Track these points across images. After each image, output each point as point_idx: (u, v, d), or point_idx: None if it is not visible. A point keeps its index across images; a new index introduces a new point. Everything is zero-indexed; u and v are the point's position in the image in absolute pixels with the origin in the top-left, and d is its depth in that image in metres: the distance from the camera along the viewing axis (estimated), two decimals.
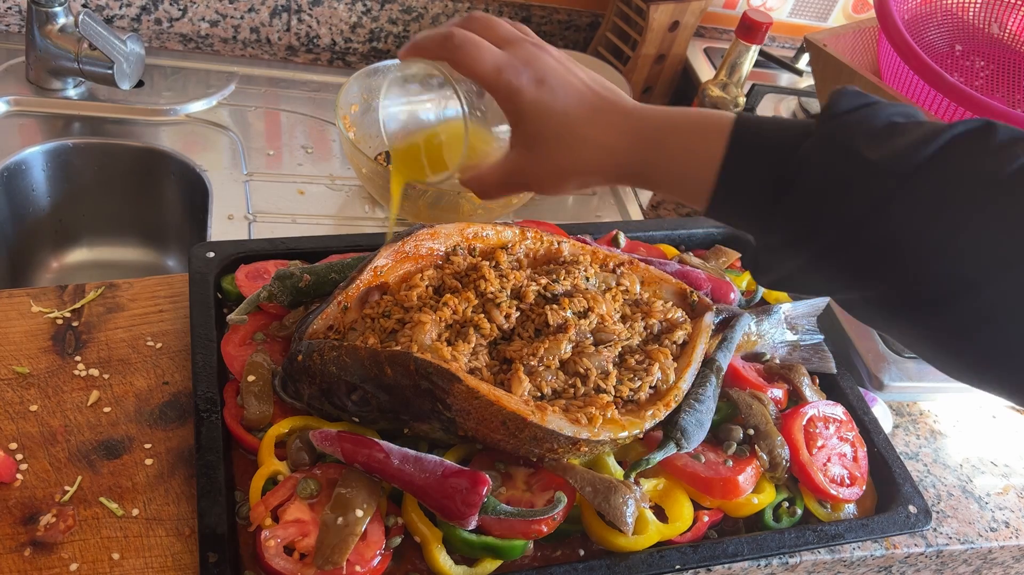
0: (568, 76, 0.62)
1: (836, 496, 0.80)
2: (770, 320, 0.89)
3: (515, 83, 0.60)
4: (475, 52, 0.60)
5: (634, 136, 0.60)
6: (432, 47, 0.62)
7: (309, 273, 0.81)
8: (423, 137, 0.68)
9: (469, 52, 0.60)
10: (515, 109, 0.61)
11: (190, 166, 1.10)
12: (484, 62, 0.60)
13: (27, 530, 0.67)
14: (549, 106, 0.61)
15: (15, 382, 0.76)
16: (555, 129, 0.61)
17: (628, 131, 0.61)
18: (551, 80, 0.61)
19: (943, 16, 1.17)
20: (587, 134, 0.61)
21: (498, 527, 0.70)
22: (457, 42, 0.61)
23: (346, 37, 1.33)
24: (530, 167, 0.63)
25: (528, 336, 0.78)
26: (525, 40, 0.63)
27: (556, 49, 0.64)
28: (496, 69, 0.60)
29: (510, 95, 0.61)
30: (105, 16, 1.23)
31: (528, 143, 0.62)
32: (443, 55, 0.62)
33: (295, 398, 0.74)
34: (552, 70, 0.61)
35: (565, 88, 0.61)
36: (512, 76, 0.60)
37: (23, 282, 1.15)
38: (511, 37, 0.63)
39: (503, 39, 0.63)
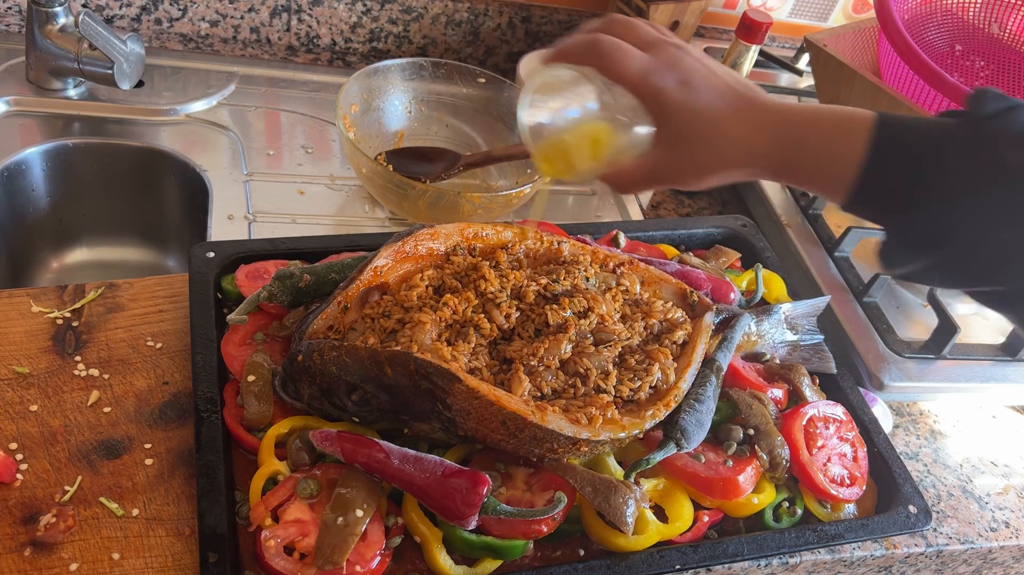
0: (710, 76, 0.64)
1: (836, 496, 0.80)
2: (770, 320, 0.89)
3: (660, 85, 0.63)
4: (621, 57, 0.63)
5: (775, 132, 0.62)
6: (578, 53, 0.65)
7: (309, 273, 0.81)
8: (566, 136, 0.70)
9: (616, 57, 0.63)
10: (660, 110, 0.64)
11: (190, 166, 1.10)
12: (630, 66, 0.63)
13: (27, 530, 0.67)
14: (693, 106, 0.63)
15: (15, 382, 0.76)
16: (699, 128, 0.63)
17: (769, 128, 0.63)
18: (695, 80, 0.63)
19: (943, 16, 1.17)
20: (730, 132, 0.63)
21: (498, 527, 0.70)
22: (604, 48, 0.64)
23: (346, 37, 1.33)
24: (673, 164, 0.66)
25: (528, 336, 0.78)
26: (667, 42, 0.65)
27: (696, 50, 0.67)
28: (642, 72, 0.63)
29: (655, 97, 0.63)
30: (105, 16, 1.23)
31: (672, 142, 0.65)
32: (590, 60, 0.64)
33: (295, 398, 0.74)
34: (695, 71, 0.64)
35: (708, 88, 0.63)
36: (657, 79, 0.63)
37: (23, 282, 1.15)
38: (653, 39, 0.65)
39: (645, 42, 0.65)
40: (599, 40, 0.64)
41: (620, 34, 0.66)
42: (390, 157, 1.10)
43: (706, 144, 0.64)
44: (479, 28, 1.36)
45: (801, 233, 1.11)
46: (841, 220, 1.15)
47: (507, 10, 1.35)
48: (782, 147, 0.62)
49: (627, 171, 0.68)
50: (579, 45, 0.65)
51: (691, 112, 0.63)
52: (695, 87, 0.63)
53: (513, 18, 1.36)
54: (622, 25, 0.67)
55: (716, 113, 0.63)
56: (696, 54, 0.65)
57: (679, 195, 1.26)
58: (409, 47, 1.36)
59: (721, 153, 0.64)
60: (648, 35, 0.66)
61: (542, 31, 1.39)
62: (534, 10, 1.36)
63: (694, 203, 1.25)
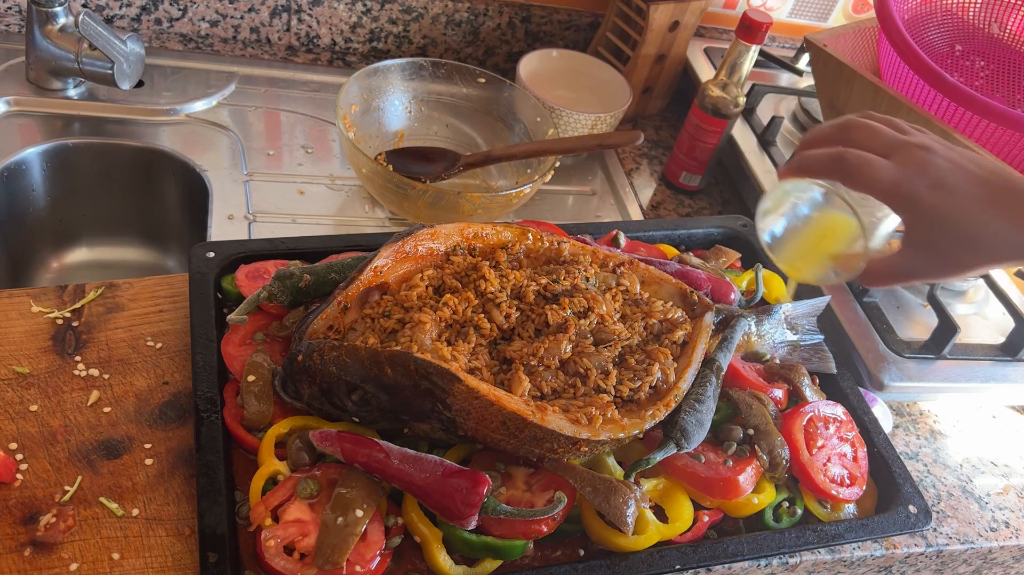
0: (963, 174, 0.63)
1: (836, 496, 0.80)
2: (770, 320, 0.89)
3: (913, 194, 0.63)
4: (869, 171, 0.63)
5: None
6: (824, 169, 0.66)
7: (309, 273, 0.81)
8: (801, 234, 0.72)
9: (864, 172, 0.64)
10: (914, 218, 0.64)
11: (190, 166, 1.10)
12: (880, 180, 0.63)
13: (27, 530, 0.67)
14: (949, 211, 0.62)
15: (15, 382, 0.76)
16: (958, 233, 0.63)
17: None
18: (948, 182, 0.63)
19: (943, 16, 1.17)
20: (992, 232, 0.62)
21: (498, 527, 0.70)
22: (851, 165, 0.64)
23: (346, 37, 1.33)
24: (932, 265, 0.65)
25: (528, 336, 0.78)
26: (910, 144, 0.64)
27: (940, 140, 0.66)
28: (893, 184, 0.63)
29: (909, 206, 0.63)
30: (105, 16, 1.23)
31: (929, 245, 0.64)
32: (837, 176, 0.65)
33: (295, 398, 0.74)
34: (945, 171, 0.63)
35: (963, 189, 0.62)
36: (909, 188, 0.63)
37: (23, 282, 1.15)
38: (896, 143, 0.65)
39: (889, 146, 0.65)
40: (843, 156, 0.64)
41: (861, 141, 0.65)
42: (390, 157, 1.10)
43: (967, 246, 0.63)
44: (479, 28, 1.36)
45: None
46: None
47: (507, 10, 1.35)
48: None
49: (880, 269, 0.68)
50: (822, 160, 0.65)
51: (947, 217, 0.62)
52: (949, 189, 0.62)
53: (513, 18, 1.36)
54: (863, 131, 0.66)
55: (975, 215, 0.62)
56: (943, 149, 0.65)
57: (679, 195, 1.26)
58: (409, 47, 1.36)
59: (984, 252, 0.63)
60: (890, 139, 0.65)
61: (542, 31, 1.39)
62: (534, 10, 1.36)
63: (694, 203, 1.25)
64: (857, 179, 0.64)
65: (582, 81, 1.29)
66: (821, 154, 0.66)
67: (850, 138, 0.66)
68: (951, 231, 0.63)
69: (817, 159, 0.66)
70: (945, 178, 0.63)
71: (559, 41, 1.41)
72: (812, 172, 0.67)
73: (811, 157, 0.67)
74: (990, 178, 0.63)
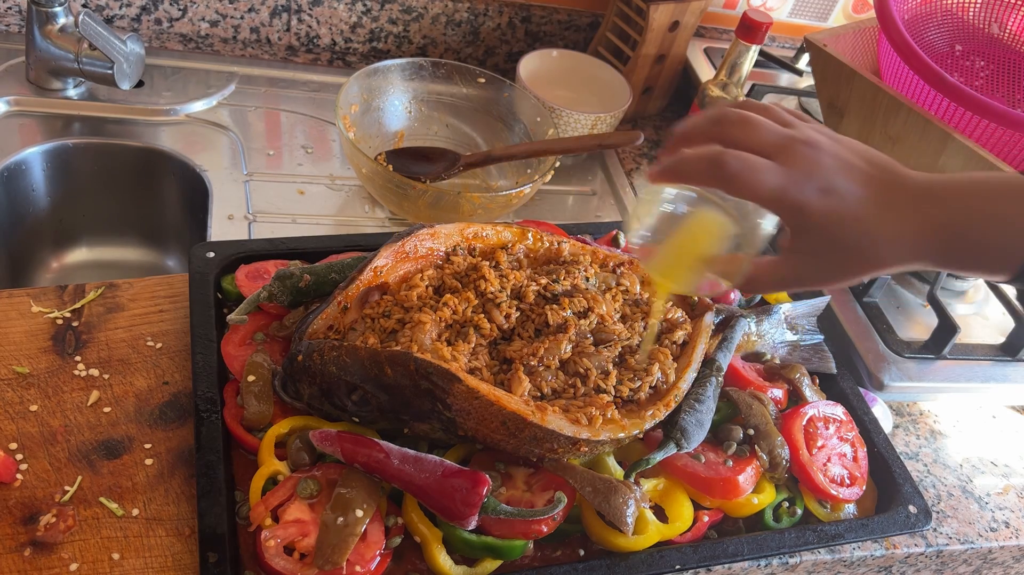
0: (850, 172, 0.58)
1: (836, 496, 0.80)
2: (770, 320, 0.89)
3: (800, 200, 0.57)
4: (751, 177, 0.57)
5: (932, 223, 0.58)
6: (700, 176, 0.59)
7: (309, 273, 0.81)
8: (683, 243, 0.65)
9: (746, 179, 0.57)
10: (802, 224, 0.58)
11: (190, 166, 1.10)
12: (764, 186, 0.57)
13: (27, 530, 0.67)
14: (840, 216, 0.58)
15: (15, 382, 0.76)
16: (848, 238, 0.58)
17: (925, 219, 0.58)
18: (836, 184, 0.58)
19: (943, 16, 1.17)
20: (883, 235, 0.58)
21: (498, 527, 0.70)
22: (731, 172, 0.57)
23: (346, 37, 1.33)
24: (817, 271, 0.61)
25: (528, 336, 0.78)
26: (795, 140, 0.59)
27: (824, 131, 0.61)
28: (779, 190, 0.57)
29: (796, 213, 0.58)
30: (105, 16, 1.23)
31: (816, 251, 0.59)
32: (716, 184, 0.58)
33: (295, 398, 0.74)
34: (834, 171, 0.58)
35: (851, 190, 0.58)
36: (796, 193, 0.57)
37: (23, 282, 1.15)
38: (779, 140, 0.59)
39: (771, 144, 0.59)
40: (722, 162, 0.57)
41: (740, 138, 0.59)
42: (390, 157, 1.10)
43: (856, 251, 0.59)
44: (479, 28, 1.36)
45: None
46: None
47: (507, 10, 1.35)
48: (943, 236, 0.58)
49: (759, 275, 0.62)
50: (698, 166, 0.58)
51: (838, 222, 0.58)
52: (838, 194, 0.57)
53: (513, 18, 1.36)
54: (741, 126, 0.60)
55: (865, 220, 0.58)
56: (829, 143, 0.59)
57: None
58: (409, 47, 1.36)
59: (875, 258, 0.59)
60: (772, 135, 0.59)
61: (542, 31, 1.39)
62: (534, 10, 1.36)
63: None
64: (738, 187, 0.58)
65: (582, 81, 1.29)
66: (697, 159, 0.59)
67: (727, 135, 0.59)
68: (841, 238, 0.58)
69: (692, 165, 0.59)
70: (834, 181, 0.58)
71: (559, 41, 1.41)
72: (688, 179, 0.60)
73: (686, 163, 0.59)
74: (880, 175, 0.59)
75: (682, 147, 0.61)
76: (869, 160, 0.60)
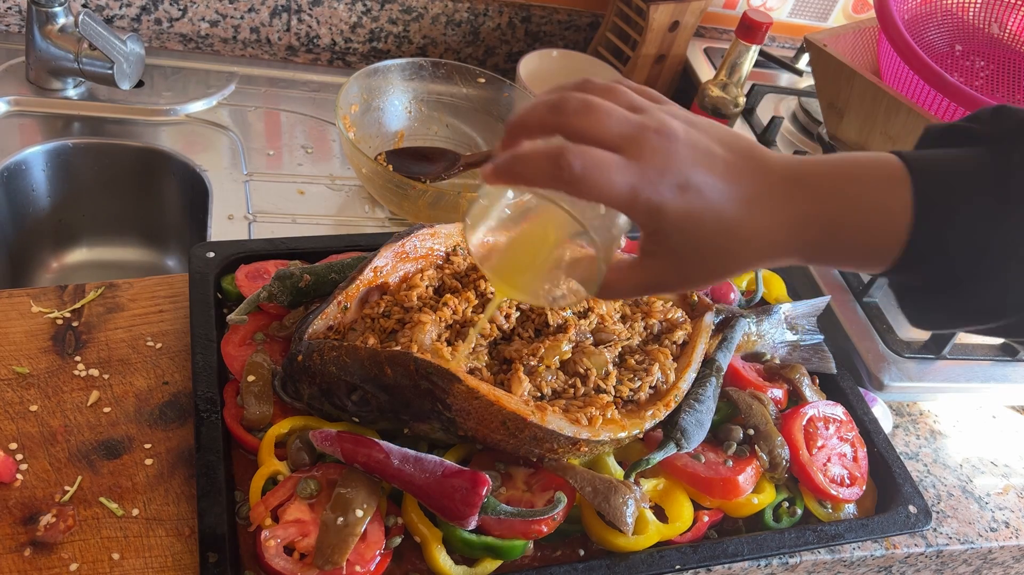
0: (708, 162, 0.52)
1: (836, 496, 0.80)
2: (770, 320, 0.89)
3: (656, 200, 0.50)
4: (599, 177, 0.49)
5: (802, 216, 0.52)
6: (540, 177, 0.50)
7: (309, 273, 0.81)
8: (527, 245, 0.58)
9: (593, 180, 0.49)
10: (658, 226, 0.52)
11: (190, 166, 1.10)
12: (613, 187, 0.49)
13: (27, 530, 0.67)
14: (699, 215, 0.51)
15: (15, 382, 0.76)
16: (711, 238, 0.52)
17: (795, 211, 0.52)
18: (694, 180, 0.51)
19: (943, 16, 1.17)
20: (747, 232, 0.52)
21: (498, 527, 0.70)
22: (576, 172, 0.49)
23: (346, 37, 1.33)
24: (678, 275, 0.55)
25: (528, 336, 0.78)
26: (646, 129, 0.51)
27: (678, 114, 0.54)
28: (631, 191, 0.50)
29: (652, 215, 0.51)
30: (105, 16, 1.23)
31: (676, 253, 0.53)
32: (559, 186, 0.50)
33: (295, 398, 0.74)
34: (689, 162, 0.51)
35: (713, 184, 0.51)
36: (651, 193, 0.50)
37: (23, 282, 1.15)
38: (629, 129, 0.51)
39: (620, 134, 0.51)
40: (564, 161, 0.49)
41: (585, 128, 0.50)
42: (390, 157, 1.10)
43: (722, 252, 0.53)
44: (479, 28, 1.36)
45: None
46: None
47: (507, 10, 1.35)
48: (812, 231, 0.53)
49: (617, 282, 0.56)
50: (538, 168, 0.50)
51: (698, 221, 0.51)
52: (695, 188, 0.51)
53: (513, 18, 1.36)
54: (585, 114, 0.51)
55: (728, 215, 0.51)
56: (683, 129, 0.52)
57: None
58: (409, 47, 1.36)
59: (741, 257, 0.53)
60: (621, 123, 0.51)
61: (542, 31, 1.39)
62: (534, 10, 1.36)
63: None
64: (585, 190, 0.49)
65: None
66: (535, 157, 0.50)
67: (569, 125, 0.51)
68: (702, 237, 0.52)
69: (531, 165, 0.50)
70: (691, 175, 0.51)
71: (559, 41, 1.41)
72: (527, 181, 0.51)
73: (523, 162, 0.50)
74: (743, 164, 0.53)
75: (520, 139, 0.53)
76: (731, 146, 0.53)
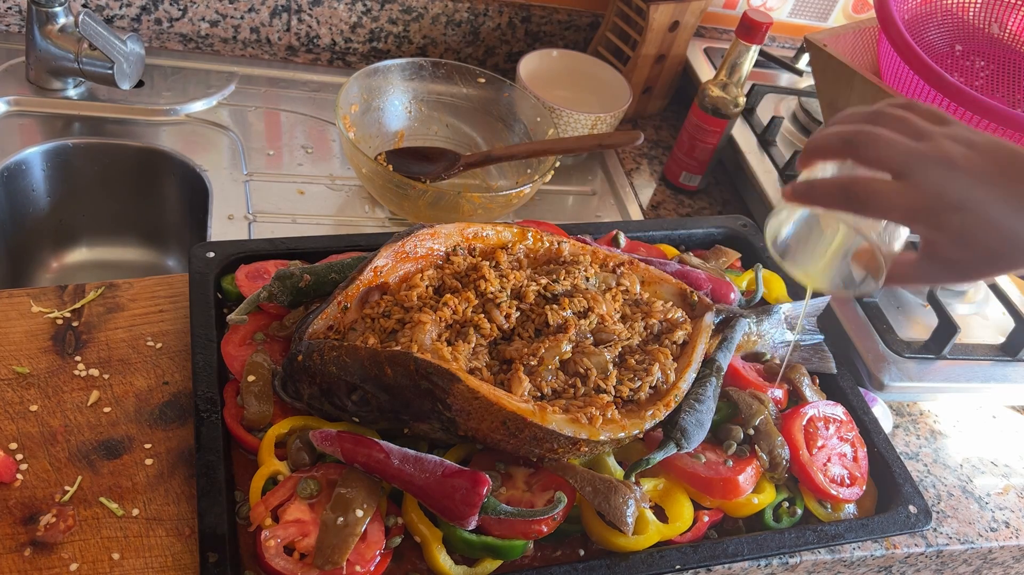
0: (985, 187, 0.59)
1: (836, 496, 0.80)
2: (770, 320, 0.89)
3: (931, 219, 0.60)
4: (881, 203, 0.60)
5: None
6: (832, 201, 0.62)
7: (309, 273, 0.81)
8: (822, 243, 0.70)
9: (875, 203, 0.60)
10: (936, 239, 0.61)
11: (190, 166, 1.10)
12: (894, 209, 0.60)
13: (27, 530, 0.67)
14: (971, 230, 0.60)
15: (15, 382, 0.76)
16: (980, 248, 0.60)
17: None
18: (970, 202, 0.59)
19: (943, 16, 1.17)
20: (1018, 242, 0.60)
21: (498, 527, 0.70)
22: (860, 199, 0.60)
23: (346, 37, 1.33)
24: (950, 274, 0.64)
25: (528, 336, 0.78)
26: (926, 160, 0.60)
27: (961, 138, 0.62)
28: (909, 212, 0.60)
29: (930, 231, 0.61)
30: (105, 16, 1.23)
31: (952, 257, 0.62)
32: (848, 209, 0.62)
33: (295, 398, 0.74)
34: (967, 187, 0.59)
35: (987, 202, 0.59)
36: (926, 214, 0.60)
37: (23, 282, 1.15)
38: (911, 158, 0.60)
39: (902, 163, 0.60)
40: (851, 189, 0.61)
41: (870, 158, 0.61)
42: (390, 157, 1.10)
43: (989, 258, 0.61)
44: (479, 28, 1.36)
45: None
46: None
47: (507, 10, 1.35)
48: None
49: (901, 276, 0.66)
50: (829, 192, 0.62)
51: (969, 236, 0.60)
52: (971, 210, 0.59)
53: (513, 18, 1.36)
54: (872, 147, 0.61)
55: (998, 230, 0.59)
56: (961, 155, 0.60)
57: (679, 195, 1.26)
58: (409, 47, 1.36)
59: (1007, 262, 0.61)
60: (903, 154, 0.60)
61: (542, 31, 1.39)
62: (534, 10, 1.36)
63: (694, 203, 1.25)
64: (869, 210, 0.61)
65: (582, 81, 1.29)
66: (828, 186, 0.62)
67: (858, 155, 0.62)
68: (973, 247, 0.60)
69: (824, 191, 0.63)
70: (966, 198, 0.59)
71: (559, 41, 1.41)
72: (821, 203, 0.63)
73: (818, 189, 0.63)
74: (1015, 179, 0.60)
75: (815, 161, 0.65)
76: (1009, 163, 0.60)
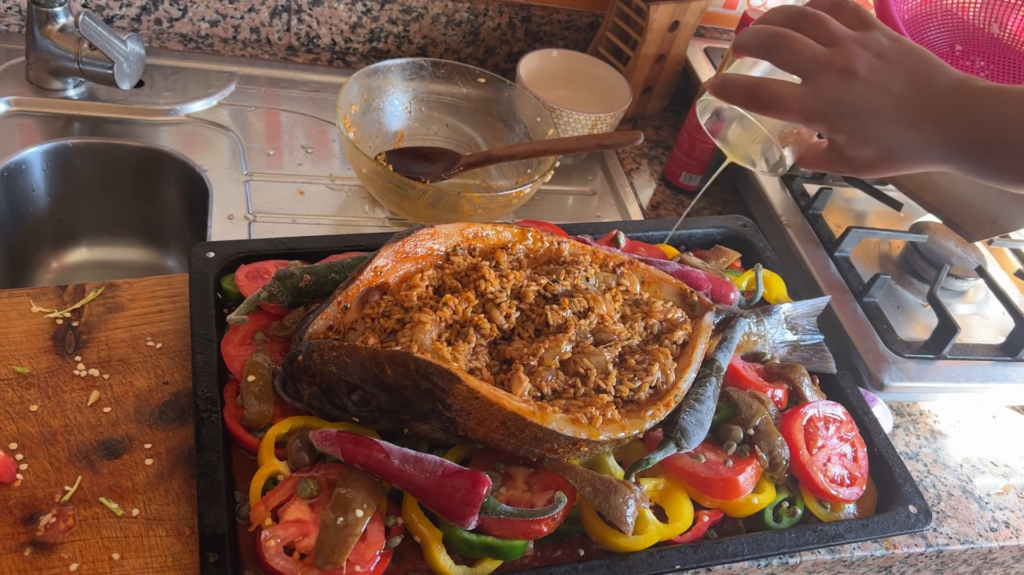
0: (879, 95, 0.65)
1: (836, 496, 0.80)
2: (770, 320, 0.89)
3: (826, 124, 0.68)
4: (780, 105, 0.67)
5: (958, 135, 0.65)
6: (739, 100, 0.69)
7: (309, 273, 0.81)
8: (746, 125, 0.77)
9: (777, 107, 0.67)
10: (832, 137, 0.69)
11: (190, 166, 1.10)
12: (790, 113, 0.67)
13: (27, 530, 0.67)
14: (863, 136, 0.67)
15: (15, 382, 0.76)
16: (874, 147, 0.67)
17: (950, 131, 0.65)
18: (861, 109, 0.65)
19: (943, 16, 1.17)
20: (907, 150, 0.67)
21: (498, 527, 0.70)
22: (764, 101, 0.67)
23: (346, 37, 1.33)
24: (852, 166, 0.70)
25: (528, 336, 0.78)
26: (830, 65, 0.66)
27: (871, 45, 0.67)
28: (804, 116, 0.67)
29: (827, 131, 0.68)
30: (105, 16, 1.23)
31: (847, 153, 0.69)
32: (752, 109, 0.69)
33: (295, 398, 0.74)
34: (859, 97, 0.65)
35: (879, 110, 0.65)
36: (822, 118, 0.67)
37: (23, 282, 1.15)
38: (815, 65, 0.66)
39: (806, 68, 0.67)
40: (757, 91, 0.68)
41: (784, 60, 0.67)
42: (390, 157, 1.10)
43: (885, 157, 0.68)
44: (479, 28, 1.36)
45: (801, 233, 1.11)
46: (841, 220, 1.15)
47: (507, 10, 1.35)
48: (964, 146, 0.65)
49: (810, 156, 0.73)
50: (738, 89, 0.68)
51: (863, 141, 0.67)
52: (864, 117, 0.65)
53: (513, 18, 1.36)
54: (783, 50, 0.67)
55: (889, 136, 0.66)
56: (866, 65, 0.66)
57: (679, 195, 1.26)
58: (409, 47, 1.36)
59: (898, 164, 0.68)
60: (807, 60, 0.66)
61: (542, 31, 1.39)
62: (534, 10, 1.36)
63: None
64: (770, 111, 0.68)
65: (582, 81, 1.29)
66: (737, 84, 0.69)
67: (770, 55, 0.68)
68: (867, 148, 0.67)
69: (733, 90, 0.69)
70: (860, 105, 0.65)
71: (559, 41, 1.41)
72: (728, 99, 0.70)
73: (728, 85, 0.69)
74: (910, 95, 0.65)
75: (739, 56, 0.72)
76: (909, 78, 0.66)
